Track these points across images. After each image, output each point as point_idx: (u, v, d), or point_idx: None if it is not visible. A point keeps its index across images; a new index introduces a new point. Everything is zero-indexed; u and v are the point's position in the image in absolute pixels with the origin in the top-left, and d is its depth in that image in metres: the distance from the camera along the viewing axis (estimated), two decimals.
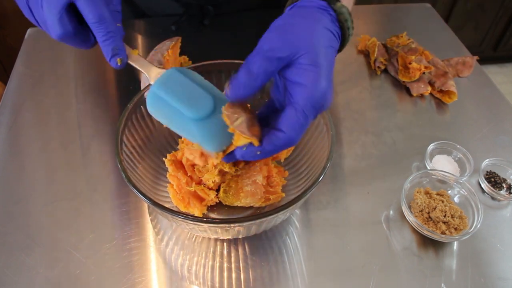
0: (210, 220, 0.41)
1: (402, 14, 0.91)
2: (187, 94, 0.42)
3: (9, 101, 0.68)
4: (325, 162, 0.46)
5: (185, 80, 0.43)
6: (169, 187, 0.50)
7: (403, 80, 0.73)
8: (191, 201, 0.49)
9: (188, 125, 0.42)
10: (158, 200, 0.43)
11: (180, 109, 0.41)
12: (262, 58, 0.37)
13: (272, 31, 0.40)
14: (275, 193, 0.50)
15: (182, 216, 0.40)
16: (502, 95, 0.73)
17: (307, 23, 0.40)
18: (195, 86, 0.43)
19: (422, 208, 0.53)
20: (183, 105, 0.41)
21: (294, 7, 0.44)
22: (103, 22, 0.40)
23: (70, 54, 0.77)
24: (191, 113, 0.41)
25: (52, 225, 0.52)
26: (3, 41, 1.49)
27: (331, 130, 0.48)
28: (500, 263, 0.50)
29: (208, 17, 0.82)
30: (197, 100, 0.42)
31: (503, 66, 2.18)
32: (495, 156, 0.61)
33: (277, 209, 0.41)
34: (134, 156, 0.50)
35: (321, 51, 0.39)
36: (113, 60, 0.42)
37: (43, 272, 0.47)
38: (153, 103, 0.42)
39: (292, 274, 0.48)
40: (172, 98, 0.41)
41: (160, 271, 0.48)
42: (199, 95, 0.42)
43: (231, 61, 0.56)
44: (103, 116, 0.66)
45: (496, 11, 1.88)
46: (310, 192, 0.43)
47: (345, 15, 0.43)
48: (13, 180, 0.57)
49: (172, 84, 0.42)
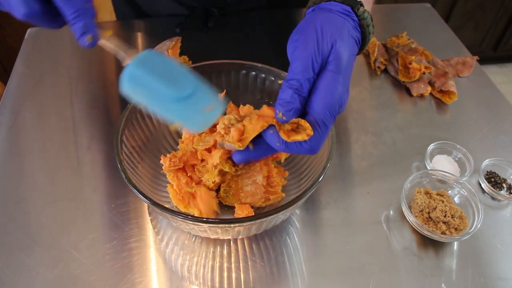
0: (210, 220, 0.41)
1: (402, 14, 0.91)
2: (168, 72, 0.40)
3: (9, 101, 0.68)
4: (325, 162, 0.46)
5: (164, 60, 0.41)
6: (169, 187, 0.50)
7: (403, 80, 0.73)
8: (191, 201, 0.49)
9: (169, 104, 0.40)
10: (158, 201, 0.43)
11: (161, 87, 0.39)
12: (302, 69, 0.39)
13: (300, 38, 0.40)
14: (275, 193, 0.50)
15: (181, 216, 0.40)
16: (502, 95, 0.73)
17: (333, 29, 0.40)
18: (175, 65, 0.41)
19: (422, 208, 0.53)
20: (164, 83, 0.39)
21: (316, 9, 0.44)
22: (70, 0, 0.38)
23: (70, 54, 0.77)
24: (172, 91, 0.40)
25: (52, 225, 0.52)
26: (3, 41, 1.49)
27: (331, 130, 0.48)
28: (500, 263, 0.50)
29: (212, 19, 0.82)
30: (178, 78, 0.41)
31: (503, 66, 2.18)
32: (495, 156, 0.61)
33: (277, 209, 0.41)
34: (134, 156, 0.50)
35: (345, 59, 0.39)
36: (82, 39, 0.39)
37: (43, 272, 0.47)
38: (130, 83, 0.40)
39: (292, 274, 0.48)
40: (153, 76, 0.40)
41: (160, 271, 0.48)
42: (180, 74, 0.41)
43: (231, 61, 0.57)
44: (103, 116, 0.66)
45: (496, 11, 1.88)
46: (310, 192, 0.43)
47: (368, 20, 0.43)
48: (13, 180, 0.57)
49: (151, 63, 0.40)
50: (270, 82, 0.57)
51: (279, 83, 0.56)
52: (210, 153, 0.51)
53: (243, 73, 0.57)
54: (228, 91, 0.59)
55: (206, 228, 0.43)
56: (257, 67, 0.56)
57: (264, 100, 0.59)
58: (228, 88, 0.58)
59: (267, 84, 0.58)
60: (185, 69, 0.42)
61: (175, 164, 0.49)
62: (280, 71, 0.56)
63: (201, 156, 0.51)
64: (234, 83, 0.58)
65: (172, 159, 0.49)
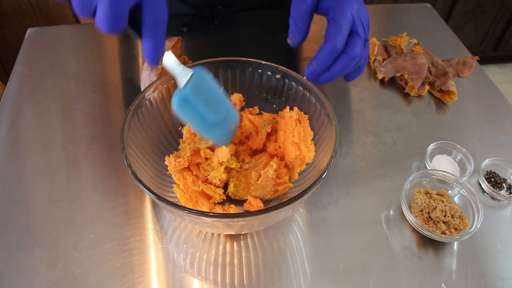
0: (214, 214, 0.41)
1: (402, 14, 0.91)
2: (211, 97, 0.45)
3: (9, 101, 0.68)
4: (329, 158, 0.46)
5: (208, 84, 0.45)
6: (175, 187, 0.50)
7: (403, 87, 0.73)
8: (199, 199, 0.49)
9: (209, 126, 0.46)
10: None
11: (206, 113, 0.44)
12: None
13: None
14: (283, 184, 0.51)
15: (186, 210, 0.40)
16: (502, 95, 0.73)
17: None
18: (213, 87, 0.45)
19: (422, 208, 0.53)
20: (209, 110, 0.44)
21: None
22: (161, 26, 0.40)
23: (70, 54, 0.77)
24: (214, 117, 0.45)
25: (52, 225, 0.52)
26: (3, 41, 1.49)
27: (334, 120, 0.49)
28: (500, 263, 0.50)
29: (218, 17, 0.82)
30: (217, 103, 0.46)
31: (503, 66, 2.18)
32: (495, 156, 0.61)
33: (281, 205, 0.41)
34: (137, 155, 0.49)
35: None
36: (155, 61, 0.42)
37: (43, 272, 0.47)
38: (182, 105, 0.44)
39: (293, 273, 0.48)
40: (201, 103, 0.44)
41: (160, 271, 0.48)
42: (218, 97, 0.46)
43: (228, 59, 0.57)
44: (102, 116, 0.66)
45: (496, 11, 1.88)
46: (314, 188, 0.43)
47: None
48: (13, 180, 0.57)
49: (200, 88, 0.44)
50: (268, 77, 0.57)
51: (276, 78, 0.57)
52: (213, 152, 0.51)
53: (240, 70, 0.58)
54: (226, 87, 0.59)
55: (210, 223, 0.43)
56: (254, 62, 0.57)
57: (262, 95, 0.59)
58: (226, 85, 0.58)
59: (264, 79, 0.58)
60: (219, 90, 0.47)
61: (180, 164, 0.49)
62: (277, 66, 0.56)
63: (205, 155, 0.51)
64: (231, 80, 0.59)
65: (176, 160, 0.50)
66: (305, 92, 0.55)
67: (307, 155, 0.50)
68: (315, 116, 0.54)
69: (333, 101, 0.70)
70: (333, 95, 0.71)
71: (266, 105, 0.60)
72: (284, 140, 0.51)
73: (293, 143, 0.50)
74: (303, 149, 0.50)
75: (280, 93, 0.58)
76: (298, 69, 0.76)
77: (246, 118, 0.56)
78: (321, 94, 0.52)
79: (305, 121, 0.52)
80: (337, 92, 0.72)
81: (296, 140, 0.49)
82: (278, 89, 0.58)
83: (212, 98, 0.46)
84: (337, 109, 0.69)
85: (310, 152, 0.50)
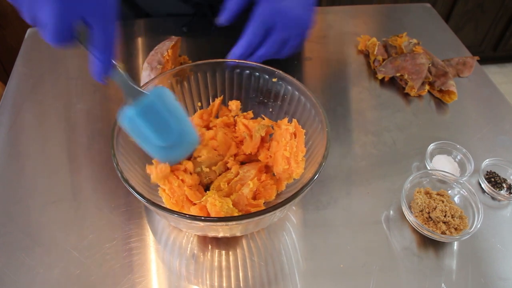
0: (206, 219, 0.41)
1: (402, 14, 0.91)
2: (159, 125, 0.47)
3: (9, 101, 0.68)
4: (321, 159, 0.46)
5: (165, 106, 0.47)
6: (160, 191, 0.49)
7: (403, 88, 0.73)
8: (185, 204, 0.48)
9: (155, 148, 0.48)
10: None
11: (151, 136, 0.47)
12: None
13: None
14: (257, 206, 0.49)
15: (179, 215, 0.40)
16: (502, 95, 0.73)
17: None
18: (167, 118, 0.47)
19: (422, 208, 0.53)
20: (155, 135, 0.47)
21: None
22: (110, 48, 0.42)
23: (70, 54, 0.77)
24: (160, 142, 0.47)
25: (52, 225, 0.52)
26: (3, 41, 1.49)
27: (327, 127, 0.49)
28: (500, 263, 0.50)
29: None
30: (166, 130, 0.47)
31: (503, 66, 2.18)
32: (495, 156, 0.61)
33: (274, 207, 0.41)
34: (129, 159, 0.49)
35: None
36: (101, 79, 0.45)
37: (43, 272, 0.47)
38: (129, 123, 0.46)
39: (292, 273, 0.48)
40: (147, 127, 0.46)
41: (160, 271, 0.48)
42: (167, 128, 0.48)
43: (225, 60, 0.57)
44: (102, 116, 0.66)
45: (496, 11, 1.88)
46: (306, 190, 0.43)
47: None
48: (13, 180, 0.57)
49: (149, 114, 0.46)
50: (265, 80, 0.57)
51: (273, 81, 0.57)
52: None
53: (237, 72, 0.58)
54: (223, 89, 0.59)
55: (203, 226, 0.43)
56: (251, 66, 0.57)
57: (259, 98, 0.59)
58: (223, 86, 0.58)
59: (261, 82, 0.58)
60: (179, 112, 0.48)
61: (161, 171, 0.49)
62: (274, 69, 0.56)
63: (186, 163, 0.51)
64: (228, 82, 0.59)
65: (158, 167, 0.49)
66: (300, 97, 0.55)
67: (296, 171, 0.49)
68: (309, 121, 0.53)
69: (332, 101, 0.70)
70: (333, 95, 0.71)
71: (263, 109, 0.60)
72: (276, 152, 0.50)
73: (284, 157, 0.49)
74: (293, 164, 0.49)
75: (276, 97, 0.58)
76: (298, 69, 0.76)
77: (240, 123, 0.55)
78: (316, 99, 0.52)
79: (301, 136, 0.51)
80: (337, 92, 0.72)
81: (287, 154, 0.49)
82: (274, 93, 0.58)
83: (164, 123, 0.47)
84: (337, 109, 0.69)
85: (299, 169, 0.49)
